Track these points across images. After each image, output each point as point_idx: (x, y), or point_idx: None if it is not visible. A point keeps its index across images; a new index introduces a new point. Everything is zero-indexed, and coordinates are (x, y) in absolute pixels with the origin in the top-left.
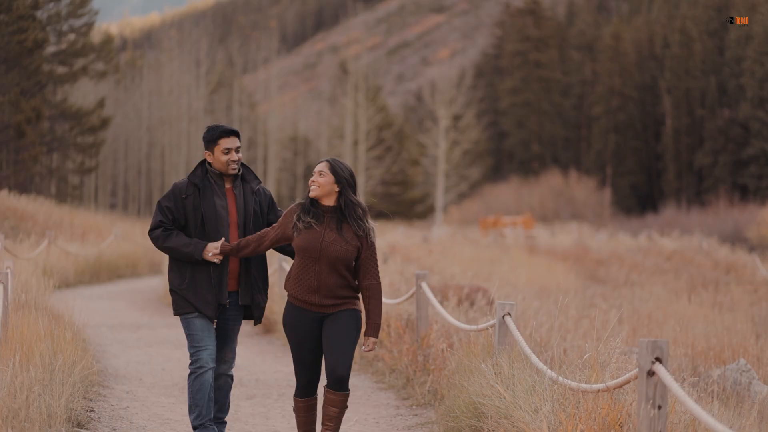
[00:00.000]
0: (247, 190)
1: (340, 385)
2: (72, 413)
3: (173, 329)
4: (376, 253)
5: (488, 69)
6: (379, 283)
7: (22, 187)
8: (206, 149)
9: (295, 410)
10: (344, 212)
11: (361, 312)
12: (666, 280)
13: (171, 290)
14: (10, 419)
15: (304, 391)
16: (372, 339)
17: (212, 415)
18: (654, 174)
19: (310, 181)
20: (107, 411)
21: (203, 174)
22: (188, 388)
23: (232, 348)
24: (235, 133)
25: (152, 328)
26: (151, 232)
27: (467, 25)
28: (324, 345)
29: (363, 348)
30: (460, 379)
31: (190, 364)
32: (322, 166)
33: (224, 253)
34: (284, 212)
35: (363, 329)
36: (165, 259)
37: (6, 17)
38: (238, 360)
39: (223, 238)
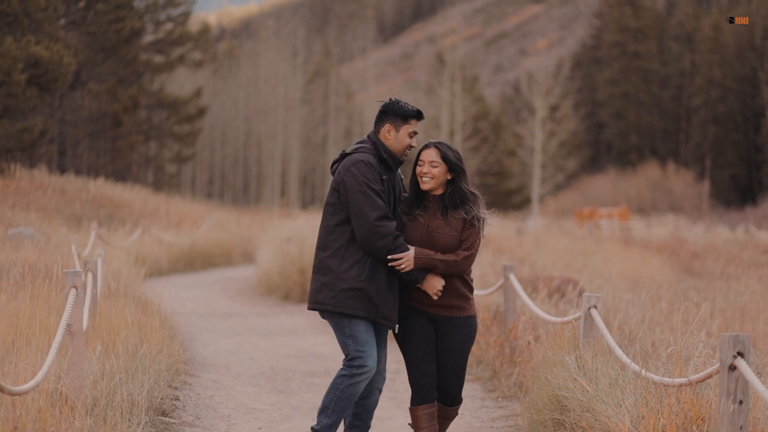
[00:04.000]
0: (397, 175)
1: (452, 401)
2: (154, 401)
3: (264, 318)
4: (474, 237)
5: (586, 59)
6: (460, 259)
7: (119, 175)
8: (389, 123)
9: (414, 423)
10: (447, 202)
11: (475, 316)
12: (762, 273)
13: (346, 286)
14: (90, 407)
15: (422, 396)
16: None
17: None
18: (754, 166)
19: (419, 171)
20: (192, 399)
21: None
22: (333, 391)
23: (385, 356)
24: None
25: (243, 317)
26: (381, 222)
27: (565, 15)
28: (437, 358)
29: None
30: (544, 372)
31: (350, 367)
32: (432, 155)
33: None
34: None
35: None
36: (257, 248)
37: (103, 6)
38: (325, 350)
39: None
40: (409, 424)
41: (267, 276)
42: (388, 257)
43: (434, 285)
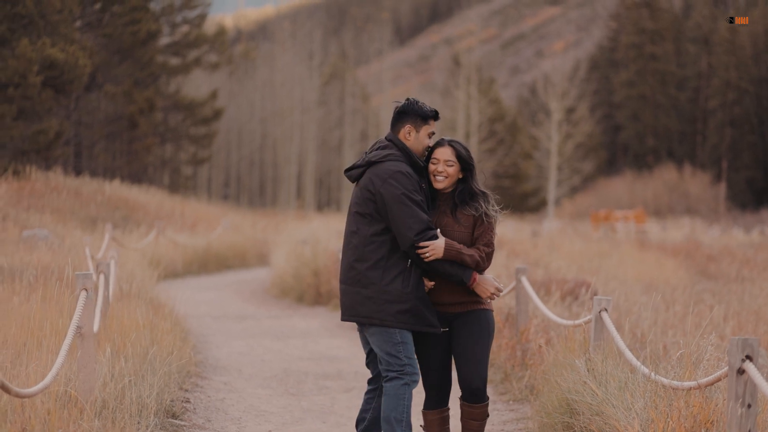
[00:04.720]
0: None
1: (476, 397)
2: (164, 404)
3: (277, 320)
4: (490, 234)
5: (603, 61)
6: (481, 258)
7: (135, 177)
8: (410, 124)
9: (426, 427)
10: (457, 199)
11: (492, 311)
12: None
13: (392, 299)
14: (99, 409)
15: (436, 400)
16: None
17: None
18: None
19: (433, 170)
20: (203, 402)
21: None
22: (400, 402)
23: None
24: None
25: (257, 319)
26: (423, 234)
27: (583, 17)
28: (455, 353)
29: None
30: (555, 375)
31: (405, 374)
32: (448, 154)
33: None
34: None
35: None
36: (272, 250)
37: (119, 8)
38: (339, 352)
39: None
40: (421, 425)
41: (281, 278)
42: (416, 244)
43: (486, 288)
